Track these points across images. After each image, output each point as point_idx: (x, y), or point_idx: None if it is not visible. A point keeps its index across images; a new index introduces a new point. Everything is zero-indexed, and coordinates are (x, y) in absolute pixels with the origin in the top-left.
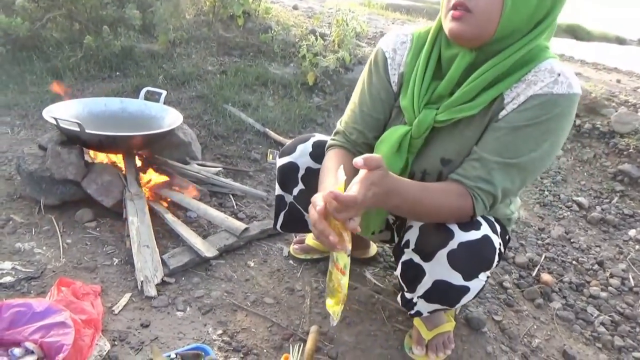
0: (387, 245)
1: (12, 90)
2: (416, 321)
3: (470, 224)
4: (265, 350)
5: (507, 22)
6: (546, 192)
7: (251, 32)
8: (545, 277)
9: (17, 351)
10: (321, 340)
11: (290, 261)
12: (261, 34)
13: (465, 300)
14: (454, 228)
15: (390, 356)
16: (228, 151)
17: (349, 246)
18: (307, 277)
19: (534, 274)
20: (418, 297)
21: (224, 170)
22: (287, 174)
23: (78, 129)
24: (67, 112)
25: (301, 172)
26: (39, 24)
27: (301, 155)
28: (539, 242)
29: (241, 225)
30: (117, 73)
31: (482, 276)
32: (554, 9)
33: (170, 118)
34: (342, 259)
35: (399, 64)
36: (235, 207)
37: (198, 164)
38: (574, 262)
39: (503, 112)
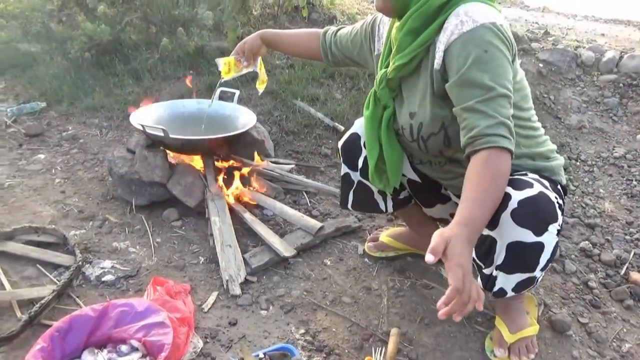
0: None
1: (98, 93)
2: (498, 322)
3: (522, 183)
4: (346, 351)
5: None
6: (634, 182)
7: (316, 23)
8: (635, 275)
9: (124, 348)
10: (401, 341)
11: (366, 259)
12: (326, 25)
13: (543, 260)
14: (509, 190)
15: (471, 358)
16: (299, 147)
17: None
18: (383, 275)
19: (622, 272)
20: (496, 269)
21: (296, 167)
22: (350, 145)
23: (163, 134)
24: (150, 116)
25: (363, 139)
26: (118, 28)
27: (360, 126)
28: (627, 237)
29: (316, 224)
30: (191, 71)
31: (552, 229)
32: None
33: (244, 117)
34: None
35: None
36: (309, 204)
37: (272, 162)
38: None
39: (436, 61)
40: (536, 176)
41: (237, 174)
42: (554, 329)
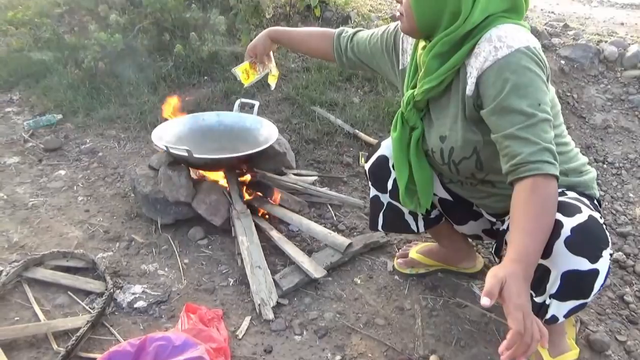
0: (480, 243)
1: (113, 103)
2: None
3: (570, 208)
4: None
5: (421, 21)
6: None
7: (329, 22)
8: None
9: None
10: None
11: (396, 277)
12: (340, 24)
13: (597, 285)
14: (559, 217)
15: None
16: (320, 156)
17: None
18: (415, 294)
19: None
20: (550, 297)
21: (319, 178)
22: (379, 169)
23: (186, 154)
24: (170, 131)
25: (391, 162)
26: (130, 35)
27: (387, 147)
28: None
29: (345, 241)
30: (205, 78)
31: (606, 254)
32: (463, 1)
33: (266, 130)
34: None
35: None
36: (334, 218)
37: (294, 174)
38: None
39: (468, 87)
40: (576, 195)
41: (258, 188)
42: (592, 349)
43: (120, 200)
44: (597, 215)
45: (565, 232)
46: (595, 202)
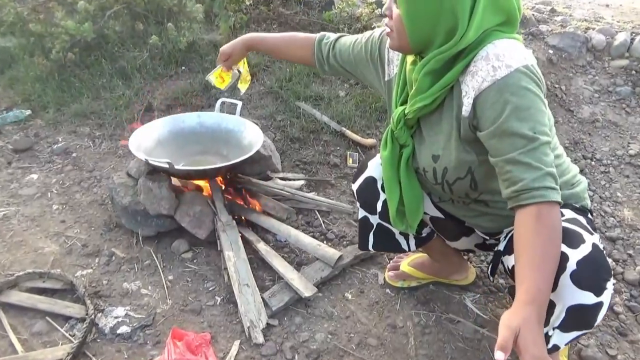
0: (473, 257)
1: (86, 97)
2: None
3: (574, 238)
4: None
5: (414, 38)
6: None
7: (311, 6)
8: None
9: None
10: None
11: (387, 290)
12: (324, 12)
13: (601, 316)
14: (564, 248)
15: None
16: (306, 156)
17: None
18: (407, 309)
19: None
20: (553, 329)
21: (305, 182)
22: (367, 190)
23: (167, 167)
24: (149, 135)
25: (380, 182)
26: (101, 22)
27: (376, 167)
28: None
29: (335, 254)
30: (183, 68)
31: (609, 285)
32: (459, 18)
33: (250, 133)
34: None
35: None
36: (323, 225)
37: (280, 178)
38: None
39: (464, 108)
40: (572, 214)
41: (243, 195)
42: None
43: (97, 208)
44: (597, 239)
45: (571, 265)
46: (589, 215)
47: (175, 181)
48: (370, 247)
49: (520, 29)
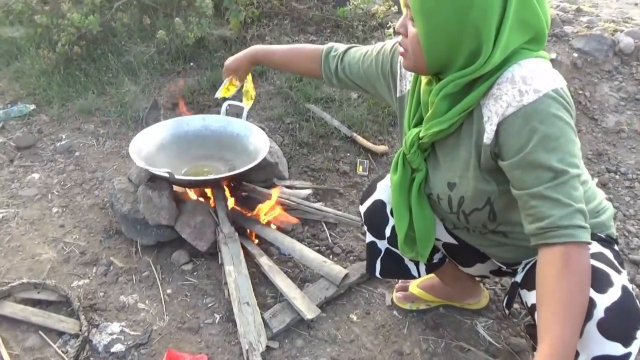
0: (488, 280)
1: (91, 92)
2: None
3: (601, 279)
4: None
5: (431, 59)
6: None
7: (325, 1)
8: None
9: None
10: None
11: (395, 312)
12: (338, 8)
13: None
14: (591, 293)
15: None
16: (315, 163)
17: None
18: (415, 334)
19: None
20: None
21: (313, 191)
22: (375, 215)
23: (168, 176)
24: (151, 139)
25: (389, 207)
26: (108, 14)
27: (384, 190)
28: None
29: (341, 272)
30: (191, 64)
31: (639, 334)
32: (484, 39)
33: (256, 138)
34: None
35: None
36: (329, 238)
37: (286, 186)
38: None
39: (486, 135)
40: (598, 247)
41: (247, 204)
42: None
43: (98, 212)
44: (625, 279)
45: (598, 313)
46: (615, 246)
47: (177, 187)
48: (377, 274)
49: None
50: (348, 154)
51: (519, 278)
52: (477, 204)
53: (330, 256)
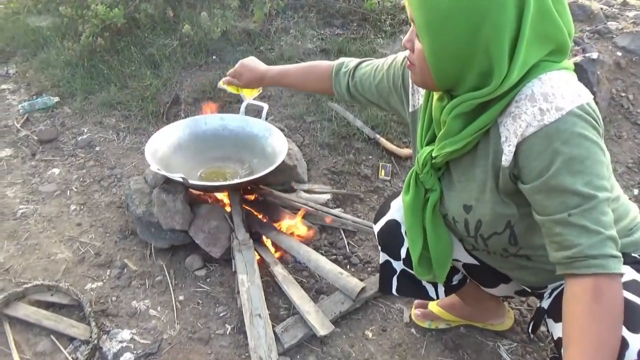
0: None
1: (113, 85)
2: None
3: (633, 315)
4: None
5: (439, 77)
6: None
7: None
8: None
9: None
10: None
11: (412, 330)
12: (366, 1)
13: None
14: (623, 331)
15: None
16: (335, 165)
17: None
18: (433, 354)
19: None
20: None
21: (332, 196)
22: (389, 235)
23: (182, 181)
24: (167, 139)
25: (404, 227)
26: (132, 5)
27: (399, 210)
28: None
29: (357, 285)
30: (214, 57)
31: None
32: (496, 58)
33: (275, 140)
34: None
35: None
36: (347, 247)
37: (305, 190)
38: None
39: (505, 157)
40: (633, 274)
41: (264, 209)
42: None
43: (115, 211)
44: None
45: (631, 355)
46: None
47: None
48: (393, 292)
49: (585, 25)
50: (370, 157)
51: (545, 304)
52: (496, 227)
53: (348, 266)
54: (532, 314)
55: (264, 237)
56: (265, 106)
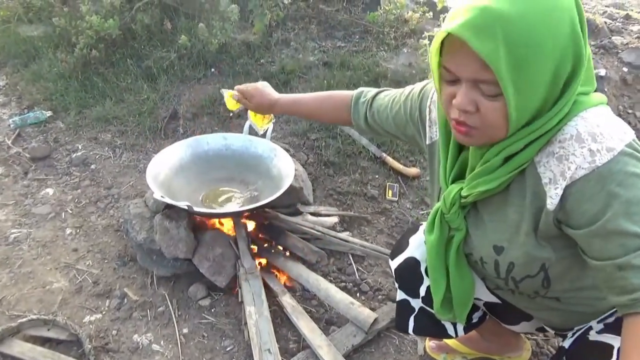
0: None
1: (108, 99)
2: None
3: None
4: None
5: (516, 124)
6: None
7: (354, 3)
8: None
9: None
10: None
11: None
12: (369, 12)
13: None
14: None
15: None
16: (341, 185)
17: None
18: None
19: None
20: None
21: (339, 218)
22: (408, 274)
23: (187, 209)
24: (169, 160)
25: (424, 265)
26: (128, 15)
27: (418, 247)
28: None
29: (369, 317)
30: (212, 70)
31: None
32: (555, 92)
33: (280, 161)
34: None
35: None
36: (356, 273)
37: (311, 213)
38: None
39: (550, 200)
40: None
41: (269, 236)
42: None
43: (113, 235)
44: None
45: None
46: None
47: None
48: (410, 331)
49: (590, 40)
50: (377, 176)
51: (567, 343)
52: (529, 271)
53: (358, 294)
54: (548, 344)
55: (268, 263)
56: (270, 126)
